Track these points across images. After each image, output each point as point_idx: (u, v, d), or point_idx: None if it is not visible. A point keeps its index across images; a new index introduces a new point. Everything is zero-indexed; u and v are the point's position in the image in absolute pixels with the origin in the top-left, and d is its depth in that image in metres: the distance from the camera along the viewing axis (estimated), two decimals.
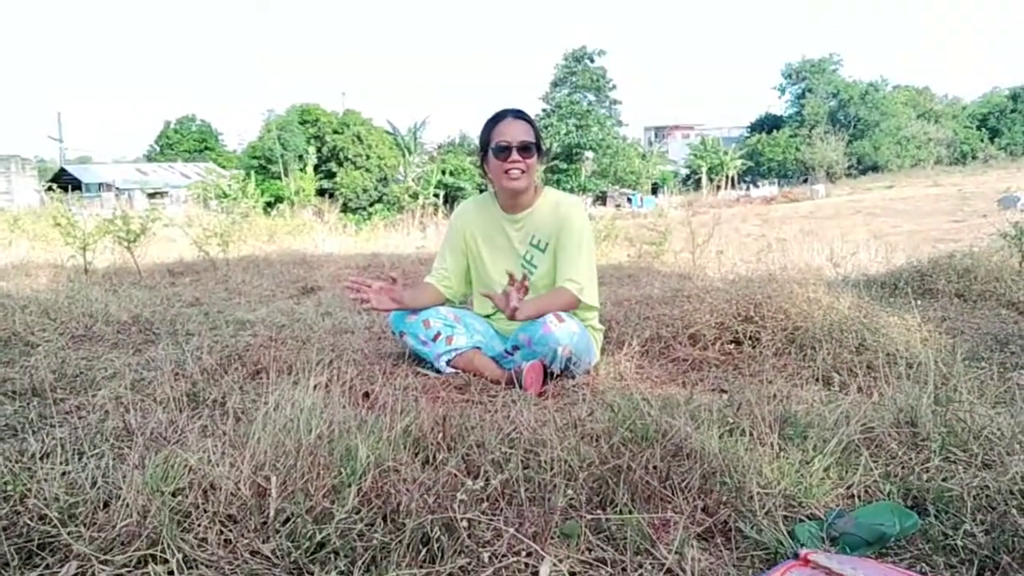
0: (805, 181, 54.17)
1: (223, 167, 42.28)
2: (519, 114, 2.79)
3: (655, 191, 53.29)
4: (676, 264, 6.86)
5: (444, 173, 39.16)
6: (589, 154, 50.37)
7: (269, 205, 23.99)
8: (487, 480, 1.57)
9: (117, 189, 39.26)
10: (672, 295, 3.86)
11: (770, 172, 58.97)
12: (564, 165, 49.70)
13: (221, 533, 1.40)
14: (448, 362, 2.82)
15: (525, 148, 2.73)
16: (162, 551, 1.33)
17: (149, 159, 54.01)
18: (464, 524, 1.40)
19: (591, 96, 53.63)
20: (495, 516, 1.47)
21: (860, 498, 1.64)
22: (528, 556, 1.36)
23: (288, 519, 1.43)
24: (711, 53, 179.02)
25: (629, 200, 47.17)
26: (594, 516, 1.50)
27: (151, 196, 35.84)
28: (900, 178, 49.21)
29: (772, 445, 1.79)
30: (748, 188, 54.08)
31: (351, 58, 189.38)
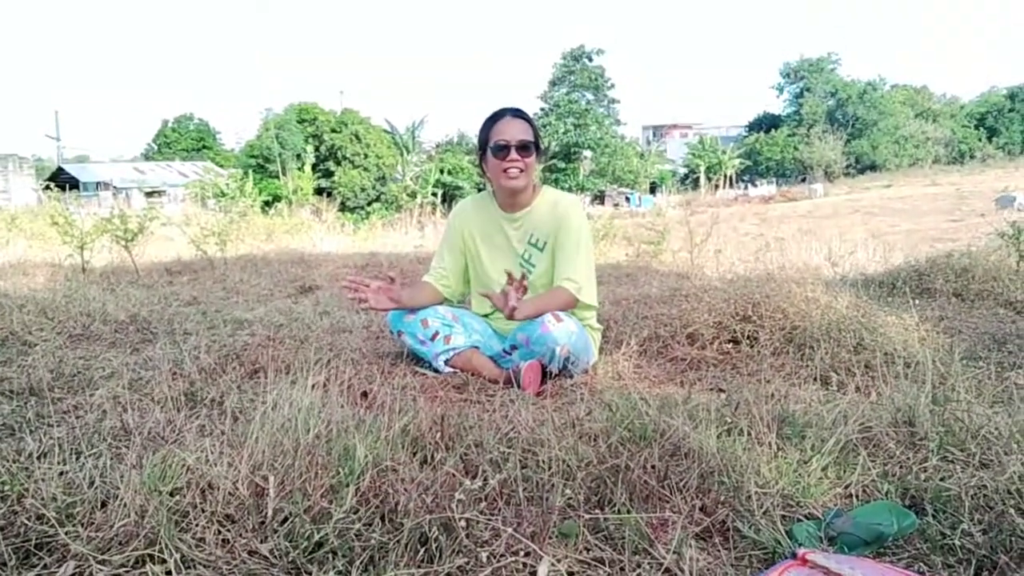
0: (803, 180, 54.24)
1: (221, 166, 42.27)
2: (518, 113, 2.79)
3: (653, 190, 53.34)
4: (674, 263, 6.86)
5: (442, 172, 39.15)
6: (587, 153, 50.39)
7: (267, 204, 23.96)
8: (485, 480, 1.57)
9: (115, 188, 39.22)
10: (670, 294, 3.86)
11: (768, 171, 59.03)
12: (562, 164, 49.72)
13: (219, 533, 1.40)
14: (446, 361, 2.81)
15: (524, 147, 2.73)
16: (160, 551, 1.33)
17: (147, 158, 53.92)
18: (462, 524, 1.40)
19: (589, 95, 53.68)
20: (493, 516, 1.47)
21: (858, 497, 1.64)
22: (526, 556, 1.36)
23: (286, 519, 1.43)
24: (709, 52, 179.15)
25: (627, 199, 47.19)
26: (592, 516, 1.50)
27: (149, 195, 35.83)
28: (898, 177, 49.28)
29: (770, 444, 1.79)
30: (746, 187, 54.12)
31: (350, 58, 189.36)
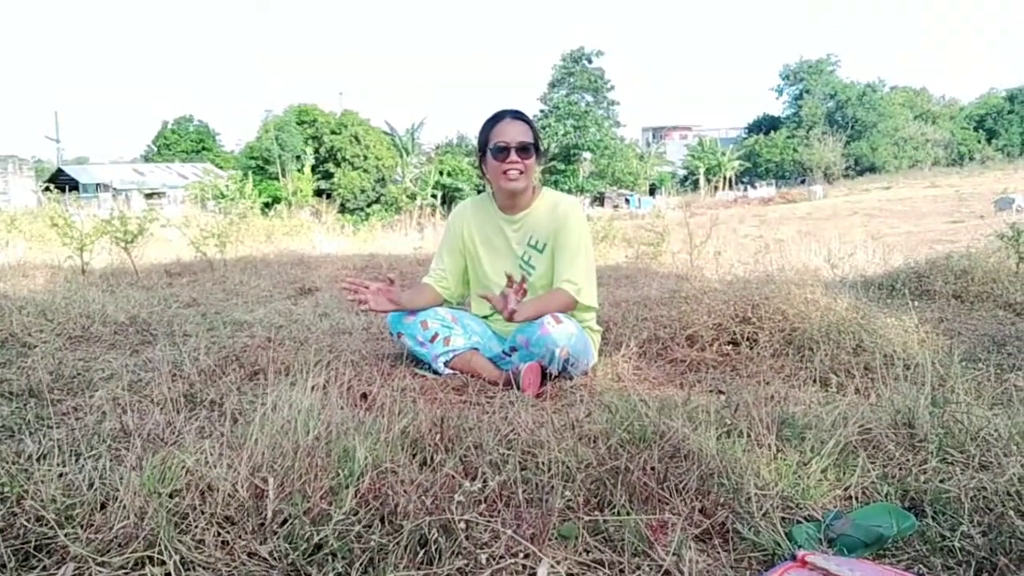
0: (803, 182, 54.29)
1: (221, 167, 42.32)
2: (517, 115, 2.79)
3: (653, 192, 53.38)
4: (674, 265, 6.85)
5: (442, 174, 39.20)
6: (587, 155, 50.44)
7: (267, 206, 23.95)
8: (485, 481, 1.57)
9: (114, 189, 39.21)
10: (670, 296, 3.86)
11: (768, 173, 59.08)
12: (562, 166, 49.77)
13: (219, 535, 1.40)
14: (446, 363, 2.81)
15: (523, 149, 2.73)
16: (159, 553, 1.33)
17: (146, 159, 53.95)
18: (462, 526, 1.40)
19: (589, 97, 53.77)
20: (493, 518, 1.47)
21: (857, 499, 1.64)
22: (526, 558, 1.36)
23: (286, 520, 1.43)
24: (709, 54, 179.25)
25: (627, 201, 47.21)
26: (592, 517, 1.50)
27: (148, 196, 35.80)
28: (898, 179, 49.31)
29: (770, 446, 1.79)
30: (746, 189, 54.15)
31: (350, 58, 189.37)
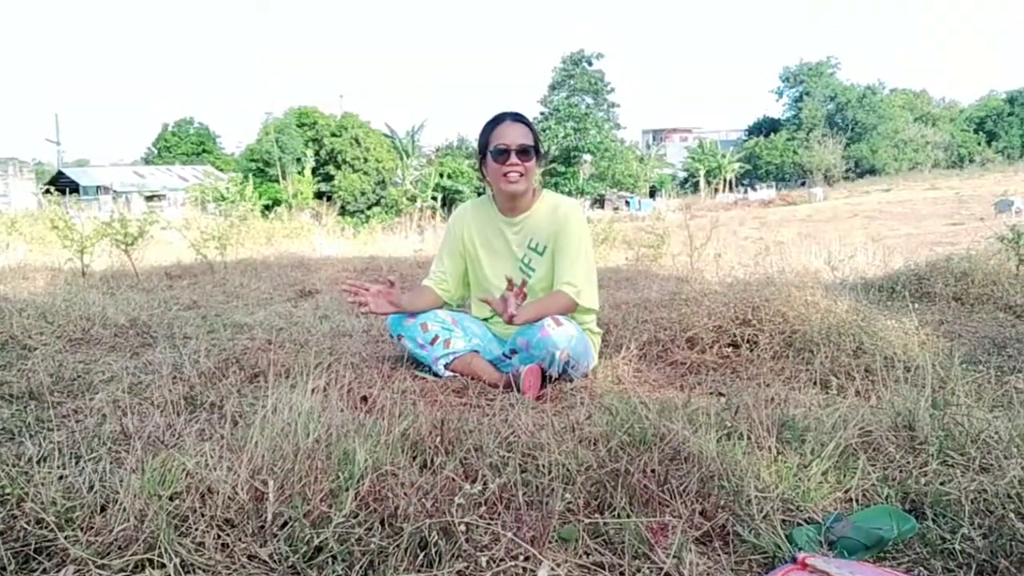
0: (803, 184, 54.30)
1: (221, 170, 42.38)
2: (517, 117, 2.79)
3: (653, 194, 53.41)
4: (674, 267, 6.86)
5: (442, 176, 39.24)
6: (587, 157, 50.47)
7: (267, 208, 23.99)
8: (485, 484, 1.57)
9: (115, 192, 39.24)
10: (670, 298, 3.86)
11: (768, 175, 59.11)
12: (562, 168, 49.80)
13: (219, 537, 1.40)
14: (446, 365, 2.81)
15: (524, 151, 2.73)
16: (159, 555, 1.33)
17: (147, 162, 53.94)
18: (462, 528, 1.40)
19: (589, 99, 53.77)
20: (493, 520, 1.47)
21: (858, 502, 1.64)
22: (526, 560, 1.36)
23: (286, 523, 1.43)
24: (709, 56, 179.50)
25: (627, 203, 47.27)
26: (592, 520, 1.50)
27: (149, 199, 35.77)
28: (898, 181, 49.36)
29: (770, 449, 1.79)
30: (746, 191, 54.20)
31: (350, 58, 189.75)
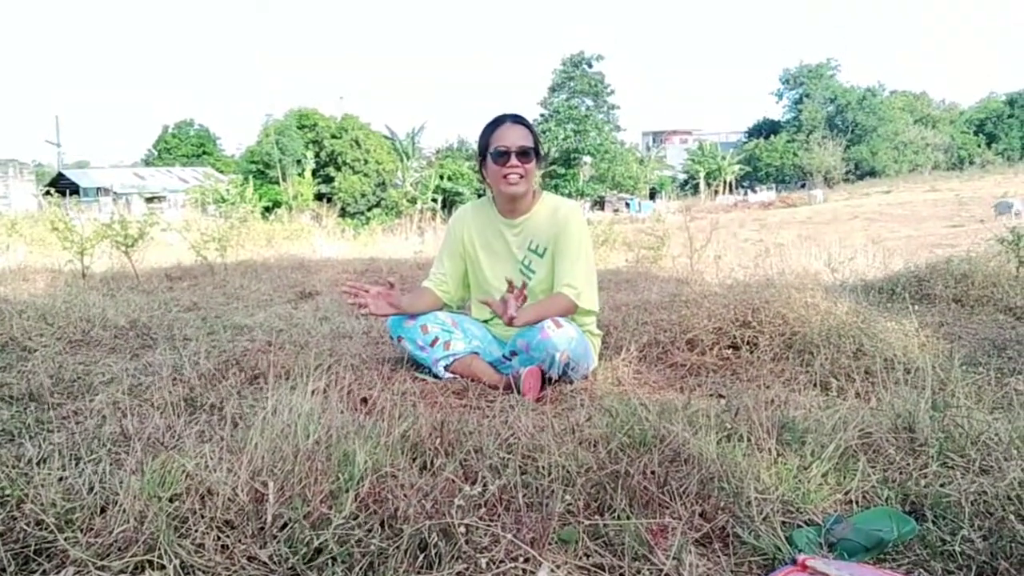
0: (803, 186, 54.32)
1: (221, 172, 42.43)
2: (518, 119, 2.80)
3: (653, 196, 53.45)
4: (674, 269, 6.86)
5: (442, 178, 39.28)
6: (587, 159, 50.51)
7: (267, 210, 24.00)
8: (485, 486, 1.57)
9: (115, 194, 39.27)
10: (670, 300, 3.86)
11: (768, 177, 59.13)
12: (562, 170, 49.82)
13: (218, 539, 1.40)
14: (446, 367, 2.81)
15: (524, 153, 2.73)
16: (159, 557, 1.33)
17: (147, 164, 53.99)
18: (462, 530, 1.40)
19: (589, 101, 53.79)
20: (493, 522, 1.47)
21: (858, 503, 1.64)
22: (526, 562, 1.36)
23: (286, 525, 1.43)
24: (709, 58, 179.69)
25: (627, 205, 47.35)
26: (592, 522, 1.50)
27: (149, 201, 35.81)
28: (898, 183, 49.35)
29: (770, 450, 1.79)
30: (746, 193, 54.25)
31: (350, 58, 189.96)
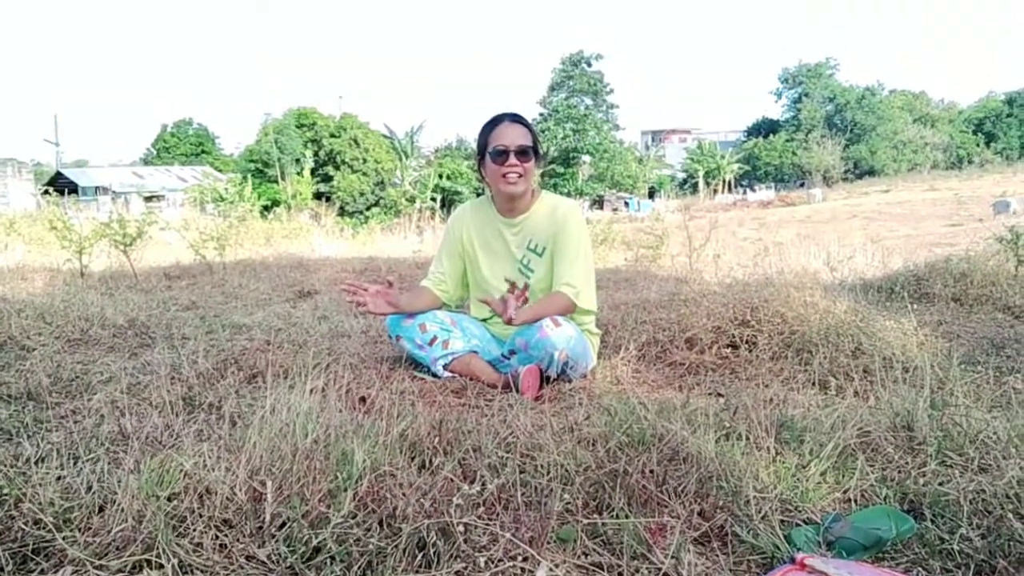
0: (802, 185, 54.34)
1: (220, 171, 42.42)
2: (516, 118, 2.79)
3: (652, 195, 53.48)
4: (673, 268, 6.86)
5: (441, 177, 39.28)
6: (586, 158, 50.50)
7: (266, 209, 24.02)
8: (483, 484, 1.57)
9: (114, 193, 39.25)
10: (669, 299, 3.86)
11: (767, 176, 59.15)
12: (561, 169, 49.84)
13: (217, 538, 1.40)
14: (445, 366, 2.81)
15: (523, 152, 2.73)
16: (157, 556, 1.33)
17: (146, 163, 53.93)
18: (460, 529, 1.40)
19: (588, 100, 53.77)
20: (491, 521, 1.47)
21: (856, 502, 1.64)
22: (524, 561, 1.36)
23: (284, 524, 1.42)
24: (708, 57, 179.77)
25: (626, 204, 47.36)
26: (591, 520, 1.50)
27: (148, 200, 35.79)
28: (897, 182, 49.40)
29: (768, 449, 1.79)
30: (745, 192, 54.26)
31: (350, 58, 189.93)
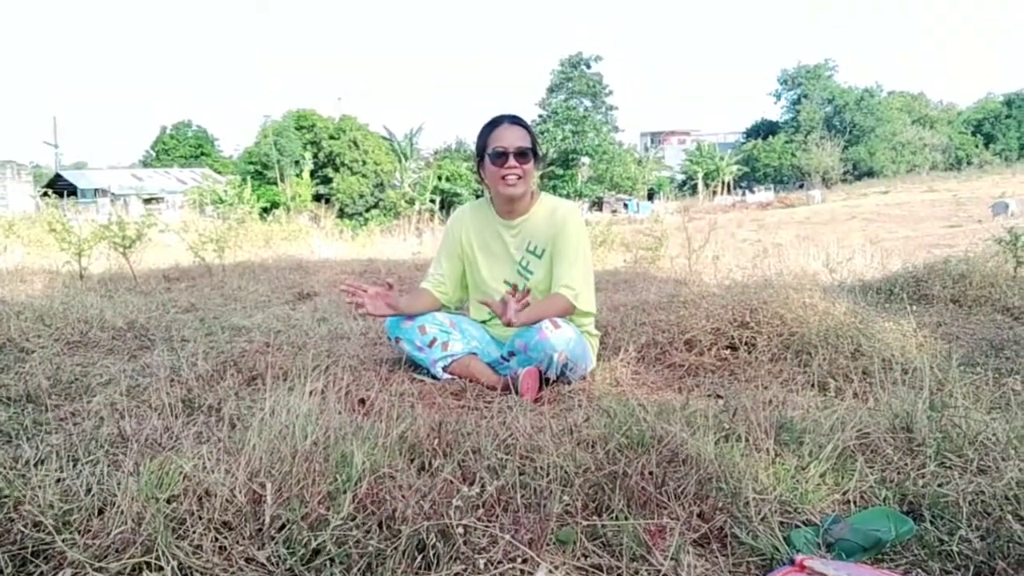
0: (801, 187, 54.35)
1: (219, 173, 42.45)
2: (516, 120, 2.80)
3: (651, 197, 53.50)
4: (672, 270, 6.86)
5: (440, 179, 39.31)
6: (585, 160, 50.54)
7: (265, 211, 24.00)
8: (483, 486, 1.57)
9: (113, 195, 39.26)
10: (668, 301, 3.86)
11: (766, 178, 59.16)
12: (560, 171, 49.87)
13: (216, 540, 1.40)
14: (444, 368, 2.81)
15: (522, 154, 2.73)
16: (157, 558, 1.32)
17: (145, 165, 53.94)
18: (460, 531, 1.39)
19: (587, 102, 53.80)
20: (491, 522, 1.47)
21: (856, 504, 1.64)
22: (524, 562, 1.36)
23: (283, 526, 1.42)
24: (707, 58, 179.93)
25: (625, 206, 47.40)
26: (590, 522, 1.50)
27: (147, 202, 35.81)
28: (896, 183, 49.43)
29: (768, 451, 1.79)
30: (744, 194, 54.32)
31: (350, 58, 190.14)
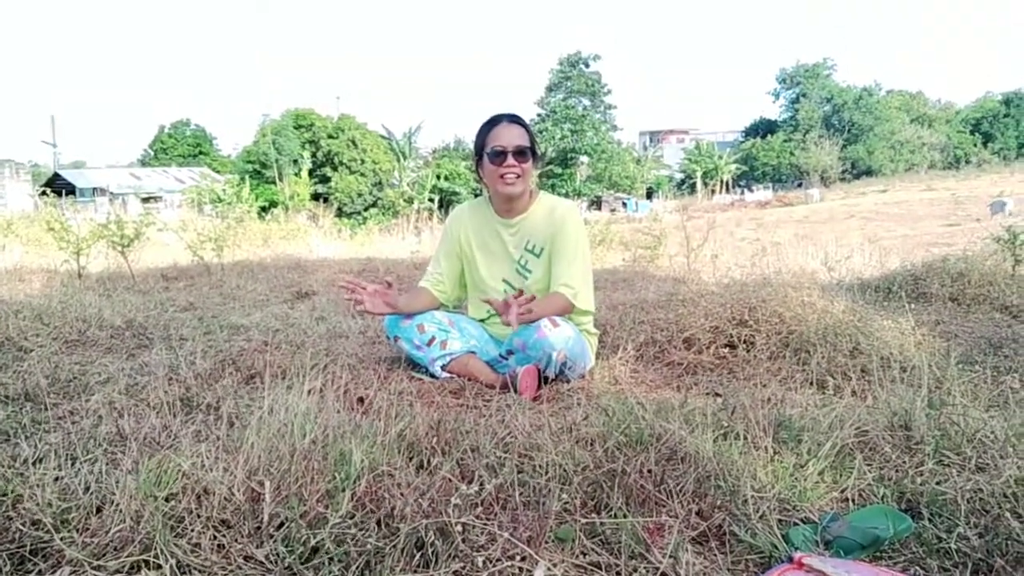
0: (799, 185, 54.40)
1: (218, 172, 42.44)
2: (514, 119, 2.80)
3: (650, 195, 53.54)
4: (671, 268, 6.86)
5: (439, 178, 39.32)
6: (584, 159, 50.54)
7: (264, 210, 23.99)
8: (481, 484, 1.57)
9: (111, 194, 39.22)
10: (667, 299, 3.86)
11: (764, 176, 59.20)
12: (559, 170, 49.88)
13: (215, 538, 1.40)
14: (443, 366, 2.81)
15: (520, 153, 2.73)
16: (155, 556, 1.32)
17: (143, 164, 53.93)
18: (458, 528, 1.40)
19: (586, 101, 53.78)
20: (489, 520, 1.47)
21: (854, 501, 1.64)
22: (522, 560, 1.36)
23: (282, 524, 1.42)
24: (706, 57, 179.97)
25: (624, 204, 47.43)
26: (588, 520, 1.50)
27: (145, 201, 35.74)
28: (894, 182, 49.45)
29: (766, 449, 1.79)
30: (743, 192, 54.36)
31: (349, 58, 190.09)
